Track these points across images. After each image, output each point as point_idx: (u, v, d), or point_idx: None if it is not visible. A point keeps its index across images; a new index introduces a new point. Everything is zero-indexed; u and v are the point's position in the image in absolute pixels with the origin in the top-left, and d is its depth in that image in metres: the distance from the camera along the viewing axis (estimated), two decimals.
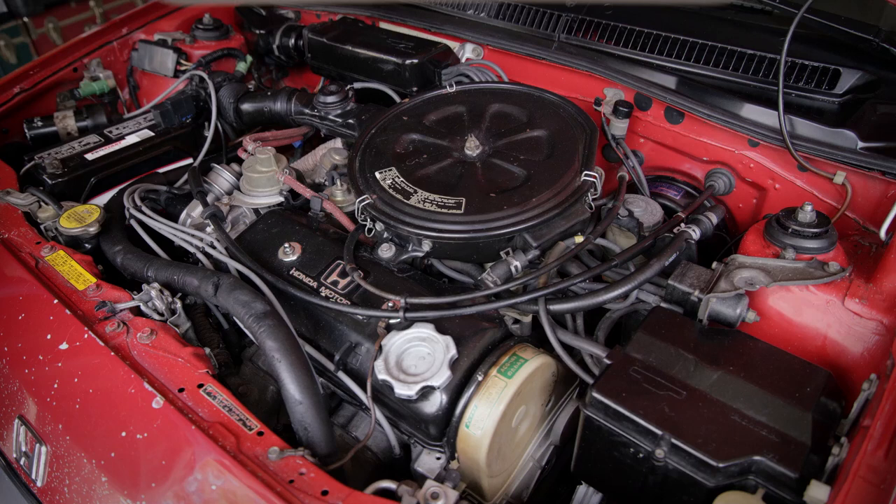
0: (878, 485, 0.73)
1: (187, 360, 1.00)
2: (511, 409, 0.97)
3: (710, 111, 1.35)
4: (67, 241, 1.29)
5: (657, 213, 1.27)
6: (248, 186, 1.40)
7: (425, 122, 1.39)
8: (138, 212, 1.34)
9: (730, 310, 1.02)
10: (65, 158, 1.51)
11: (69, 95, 1.80)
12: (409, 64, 1.60)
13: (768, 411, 0.88)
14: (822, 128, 1.30)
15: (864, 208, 1.24)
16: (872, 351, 1.01)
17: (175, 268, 1.16)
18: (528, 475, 1.13)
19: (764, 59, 1.47)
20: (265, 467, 0.85)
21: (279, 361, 0.96)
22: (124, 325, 1.06)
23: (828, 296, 1.04)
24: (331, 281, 1.14)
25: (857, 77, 1.42)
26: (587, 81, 1.53)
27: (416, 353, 0.99)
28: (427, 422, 0.97)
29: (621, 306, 1.13)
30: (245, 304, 1.03)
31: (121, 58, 1.92)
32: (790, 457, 0.82)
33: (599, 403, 0.92)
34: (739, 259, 1.09)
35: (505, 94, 1.44)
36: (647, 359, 0.97)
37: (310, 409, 0.94)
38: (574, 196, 1.15)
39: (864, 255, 1.13)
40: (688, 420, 0.88)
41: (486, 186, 1.18)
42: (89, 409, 0.98)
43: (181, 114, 1.70)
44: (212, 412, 0.93)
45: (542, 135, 1.30)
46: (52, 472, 0.99)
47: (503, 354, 1.00)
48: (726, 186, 1.41)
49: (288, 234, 1.25)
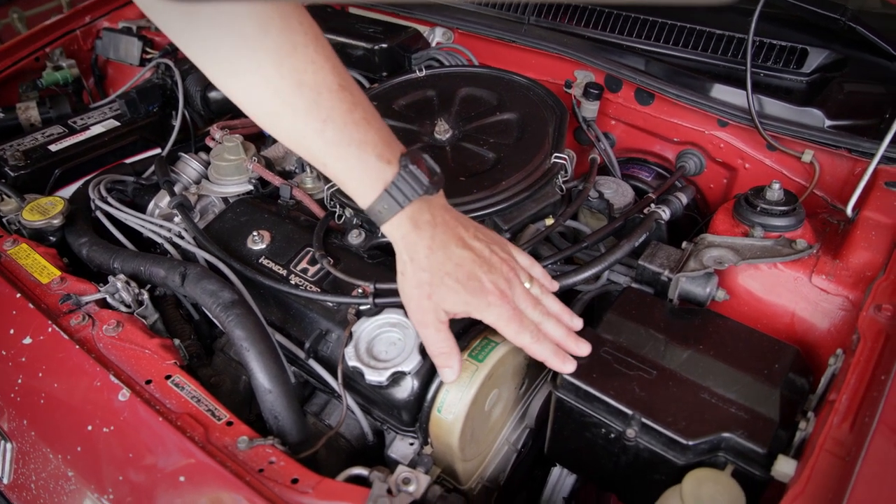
0: (844, 457, 0.74)
1: (154, 352, 0.98)
2: (483, 393, 0.97)
3: (679, 92, 1.35)
4: (31, 234, 1.26)
5: (628, 195, 1.28)
6: (217, 175, 1.38)
7: (395, 107, 1.37)
8: (104, 203, 1.32)
9: (699, 289, 1.03)
10: (27, 150, 1.48)
11: (32, 86, 1.76)
12: (378, 49, 1.58)
13: (737, 388, 0.89)
14: (790, 107, 1.31)
15: (832, 186, 1.26)
16: (839, 326, 1.02)
17: (142, 259, 1.14)
18: (503, 459, 1.13)
19: (732, 38, 1.48)
20: (234, 457, 0.84)
21: (248, 350, 0.95)
22: (90, 318, 1.04)
23: (795, 273, 1.05)
24: (300, 268, 1.12)
25: (824, 56, 1.43)
26: (557, 64, 1.52)
27: (386, 338, 0.99)
28: (399, 407, 0.97)
29: (592, 288, 1.14)
30: (212, 293, 1.02)
31: (85, 46, 1.88)
32: (759, 433, 0.83)
33: (570, 385, 0.92)
34: (708, 238, 1.09)
35: (475, 78, 1.43)
36: (618, 339, 0.97)
37: (279, 398, 0.93)
38: (544, 178, 1.14)
39: (833, 233, 1.14)
40: (658, 399, 0.88)
41: (455, 170, 1.18)
42: (54, 403, 0.96)
43: (147, 103, 1.67)
44: (180, 403, 0.92)
45: (511, 118, 1.29)
46: (18, 469, 0.97)
47: (474, 338, 0.99)
48: (697, 167, 1.42)
49: (257, 223, 1.23)
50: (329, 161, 0.87)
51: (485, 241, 0.93)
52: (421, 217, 0.88)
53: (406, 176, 0.86)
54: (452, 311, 0.89)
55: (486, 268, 0.90)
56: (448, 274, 0.88)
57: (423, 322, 0.91)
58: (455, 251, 0.89)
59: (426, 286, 0.88)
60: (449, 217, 0.91)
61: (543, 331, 0.93)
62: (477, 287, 0.88)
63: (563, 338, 0.94)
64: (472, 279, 0.88)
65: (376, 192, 0.87)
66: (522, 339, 0.90)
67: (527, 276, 0.96)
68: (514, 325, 0.90)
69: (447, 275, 0.88)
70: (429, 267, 0.88)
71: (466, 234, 0.91)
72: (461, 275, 0.88)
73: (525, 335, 0.90)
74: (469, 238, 0.91)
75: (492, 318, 0.89)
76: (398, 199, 0.86)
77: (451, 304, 0.88)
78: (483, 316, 0.89)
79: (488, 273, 0.89)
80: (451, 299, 0.88)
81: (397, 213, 0.87)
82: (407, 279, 0.90)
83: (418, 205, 0.88)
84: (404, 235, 0.89)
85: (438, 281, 0.88)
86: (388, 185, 0.86)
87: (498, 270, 0.91)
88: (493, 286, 0.89)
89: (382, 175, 0.86)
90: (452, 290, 0.88)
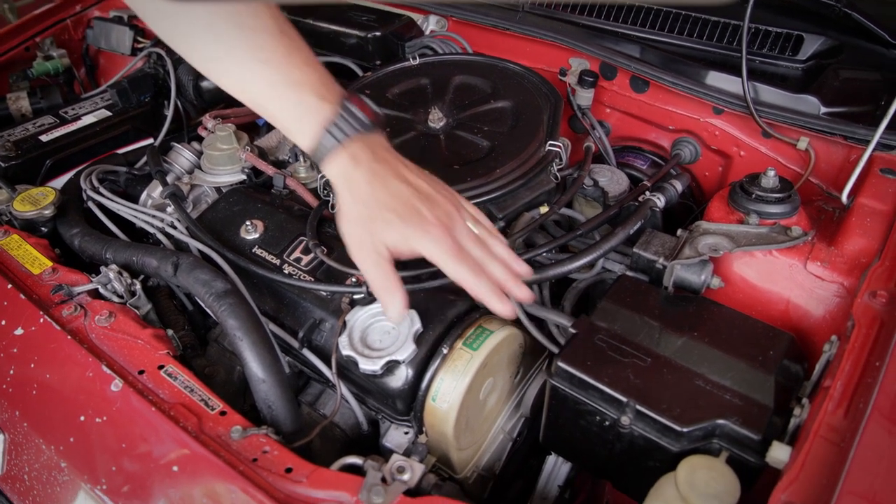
0: (838, 443, 0.74)
1: (147, 342, 0.98)
2: (478, 382, 0.97)
3: (674, 79, 1.35)
4: (22, 224, 1.25)
5: (623, 183, 1.27)
6: (209, 165, 1.37)
7: (388, 96, 1.37)
8: (96, 193, 1.31)
9: (694, 276, 1.03)
10: (18, 140, 1.47)
11: (22, 76, 1.75)
12: (371, 37, 1.57)
13: (732, 375, 0.89)
14: (785, 94, 1.30)
15: (827, 174, 1.25)
16: (834, 313, 1.02)
17: (134, 249, 1.14)
18: (499, 448, 1.13)
19: (728, 25, 1.47)
20: (228, 447, 0.84)
21: (241, 340, 0.94)
22: (82, 309, 1.03)
23: (790, 260, 1.04)
24: (294, 258, 1.12)
25: (819, 43, 1.42)
26: (552, 52, 1.51)
27: (380, 327, 0.98)
28: (393, 396, 0.96)
29: (587, 276, 1.13)
30: (205, 283, 1.01)
31: (75, 36, 1.87)
32: (753, 419, 0.83)
33: (565, 373, 0.92)
34: (703, 225, 1.09)
35: (469, 66, 1.42)
36: (613, 327, 0.97)
37: (273, 387, 0.92)
38: (538, 166, 1.14)
39: (828, 220, 1.14)
40: (652, 386, 0.88)
41: (449, 158, 1.17)
42: (46, 394, 0.95)
43: (139, 93, 1.66)
44: (173, 393, 0.91)
45: (506, 106, 1.28)
46: (10, 461, 0.96)
47: (468, 327, 0.99)
48: (692, 155, 1.41)
49: (250, 212, 1.22)
50: (270, 104, 0.90)
51: (427, 181, 0.92)
52: (361, 154, 0.88)
53: (344, 114, 0.88)
54: (392, 244, 0.87)
55: (427, 203, 0.88)
56: (387, 206, 0.87)
57: (363, 257, 0.89)
58: (394, 184, 0.88)
59: (365, 220, 0.88)
60: (390, 156, 0.91)
61: (486, 270, 0.90)
62: (416, 218, 0.86)
63: (505, 279, 0.91)
64: (412, 210, 0.87)
65: (316, 131, 0.88)
66: (461, 273, 0.87)
67: (472, 219, 0.94)
68: (453, 258, 0.86)
69: (386, 207, 0.87)
70: (367, 201, 0.87)
71: (408, 171, 0.91)
72: (400, 206, 0.87)
73: (464, 269, 0.87)
74: (410, 175, 0.91)
75: (430, 249, 0.86)
76: (337, 136, 0.87)
77: (390, 236, 0.87)
78: (422, 246, 0.86)
79: (429, 206, 0.88)
80: (389, 231, 0.87)
81: (337, 151, 0.88)
82: (345, 215, 0.90)
83: (358, 143, 0.89)
84: (344, 172, 0.89)
85: (377, 214, 0.87)
86: (328, 124, 0.87)
87: (440, 206, 0.89)
88: (433, 217, 0.87)
89: (321, 114, 0.88)
90: (390, 222, 0.86)
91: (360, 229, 0.88)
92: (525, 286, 0.93)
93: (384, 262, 0.88)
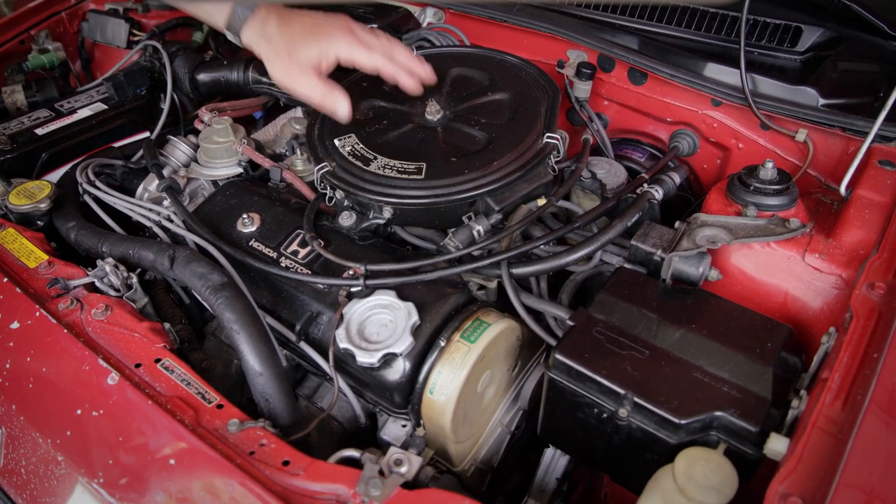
0: (836, 434, 0.74)
1: (144, 336, 0.98)
2: (475, 374, 0.96)
3: (672, 71, 1.34)
4: (18, 218, 1.24)
5: (621, 175, 1.27)
6: (206, 158, 1.36)
7: (385, 88, 1.35)
8: (92, 187, 1.30)
9: (692, 268, 1.02)
10: (13, 134, 1.46)
11: (17, 69, 1.73)
12: None
13: (730, 367, 0.88)
14: (783, 85, 1.30)
15: (825, 166, 1.25)
16: (832, 305, 1.02)
17: (130, 242, 1.13)
18: (497, 440, 1.13)
19: (726, 17, 1.46)
20: (225, 440, 0.84)
21: (238, 333, 0.94)
22: (78, 302, 1.03)
23: (788, 252, 1.04)
24: (291, 251, 1.11)
25: (818, 34, 1.42)
26: (550, 44, 1.50)
27: (377, 320, 0.98)
28: (391, 389, 0.96)
29: (585, 268, 1.13)
30: (202, 276, 1.01)
31: (71, 29, 1.85)
32: (751, 411, 0.83)
33: (562, 365, 0.91)
34: (701, 217, 1.09)
35: (466, 58, 1.42)
36: (611, 319, 0.96)
37: (270, 380, 0.92)
38: (536, 158, 1.13)
39: (826, 212, 1.13)
40: (650, 378, 0.88)
41: (447, 151, 1.16)
42: (43, 388, 0.95)
43: (135, 86, 1.65)
44: (170, 386, 0.91)
45: (503, 98, 1.27)
46: (7, 454, 0.96)
47: (466, 319, 0.99)
48: (690, 147, 1.41)
49: (247, 205, 1.22)
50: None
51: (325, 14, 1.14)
52: (268, 14, 1.10)
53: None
54: (314, 60, 1.09)
55: (328, 22, 1.12)
56: (298, 34, 1.09)
57: (296, 82, 1.10)
58: (298, 20, 1.11)
59: (284, 53, 1.09)
60: (297, 10, 1.12)
61: (394, 56, 1.15)
62: (323, 33, 1.10)
63: (410, 61, 1.17)
64: (318, 29, 1.10)
65: (227, 7, 1.10)
66: (374, 59, 1.12)
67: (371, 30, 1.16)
68: (364, 50, 1.11)
69: (297, 35, 1.09)
70: (282, 38, 1.09)
71: (308, 12, 1.13)
72: (308, 30, 1.10)
73: (377, 56, 1.12)
74: (310, 12, 1.13)
75: (343, 49, 1.10)
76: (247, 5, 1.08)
77: (307, 54, 1.09)
78: (336, 50, 1.09)
79: (331, 23, 1.12)
80: (305, 50, 1.09)
81: (250, 19, 1.10)
82: (271, 62, 1.11)
83: (264, 8, 1.10)
84: (258, 30, 1.10)
85: (292, 42, 1.09)
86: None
87: (340, 23, 1.13)
88: (336, 28, 1.11)
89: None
90: (303, 43, 1.09)
91: (284, 64, 1.10)
92: (428, 64, 1.20)
93: (313, 74, 1.10)
